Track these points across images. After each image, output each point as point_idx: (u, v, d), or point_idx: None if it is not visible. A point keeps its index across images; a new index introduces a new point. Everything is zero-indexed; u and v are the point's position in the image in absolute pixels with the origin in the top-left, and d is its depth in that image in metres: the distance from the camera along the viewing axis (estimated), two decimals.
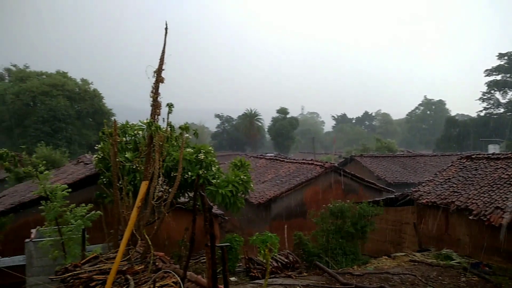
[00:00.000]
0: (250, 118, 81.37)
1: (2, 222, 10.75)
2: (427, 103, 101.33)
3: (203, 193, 5.19)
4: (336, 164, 22.58)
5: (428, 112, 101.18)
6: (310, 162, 22.71)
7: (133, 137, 10.34)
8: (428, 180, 16.69)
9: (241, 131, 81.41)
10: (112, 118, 47.89)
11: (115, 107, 55.06)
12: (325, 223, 14.42)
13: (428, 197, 14.97)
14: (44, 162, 10.06)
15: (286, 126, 75.34)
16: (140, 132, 10.34)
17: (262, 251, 7.80)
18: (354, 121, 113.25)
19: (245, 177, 11.40)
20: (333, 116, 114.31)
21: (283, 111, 78.29)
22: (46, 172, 9.49)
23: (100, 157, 10.51)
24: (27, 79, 47.41)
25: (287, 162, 24.78)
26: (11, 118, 44.23)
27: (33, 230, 10.69)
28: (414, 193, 15.84)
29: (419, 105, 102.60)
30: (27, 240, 10.16)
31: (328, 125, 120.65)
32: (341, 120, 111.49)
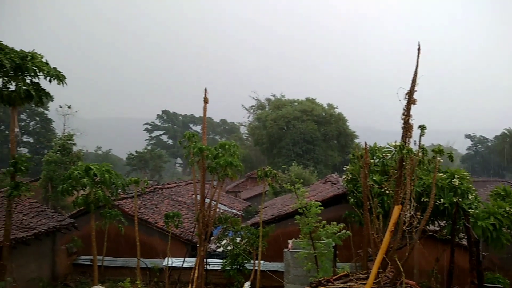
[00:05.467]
0: (511, 138, 69.36)
1: (266, 231, 12.45)
2: None
3: (468, 225, 4.71)
4: None
5: None
6: None
7: (381, 159, 10.34)
8: None
9: (500, 153, 70.15)
10: (356, 141, 49.67)
11: (358, 129, 56.68)
12: None
13: None
14: (302, 180, 11.22)
15: None
16: (388, 154, 10.26)
17: None
18: None
19: (511, 209, 9.73)
20: None
21: None
22: (303, 189, 10.55)
23: (349, 178, 10.93)
24: (282, 107, 54.78)
25: None
26: (269, 140, 52.04)
27: (290, 241, 11.94)
28: None
29: None
30: (285, 249, 11.43)
31: None
32: None
